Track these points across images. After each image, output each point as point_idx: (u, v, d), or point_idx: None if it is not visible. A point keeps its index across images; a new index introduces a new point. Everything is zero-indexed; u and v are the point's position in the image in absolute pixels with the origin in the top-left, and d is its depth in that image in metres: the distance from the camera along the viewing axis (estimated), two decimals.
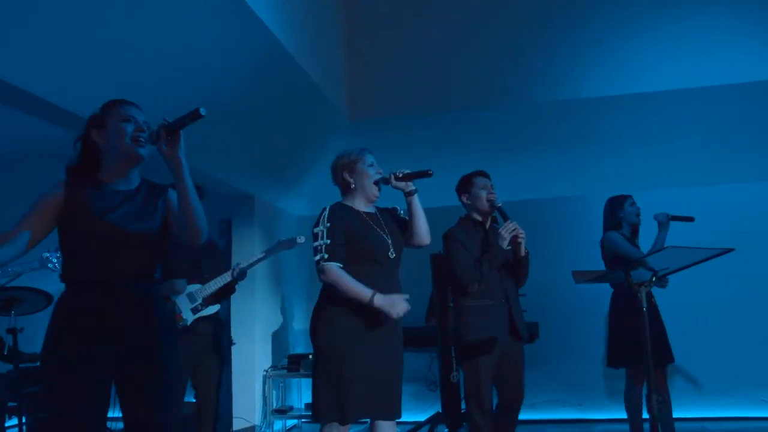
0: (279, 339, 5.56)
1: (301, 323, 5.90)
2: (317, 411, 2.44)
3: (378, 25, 5.26)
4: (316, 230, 2.52)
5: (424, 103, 5.14)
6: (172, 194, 2.08)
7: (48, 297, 3.69)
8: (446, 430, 4.53)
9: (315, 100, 4.75)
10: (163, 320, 2.07)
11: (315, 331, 2.53)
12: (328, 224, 2.50)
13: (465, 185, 3.33)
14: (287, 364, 5.20)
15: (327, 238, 2.48)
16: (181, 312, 3.58)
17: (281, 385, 5.45)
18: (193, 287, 3.65)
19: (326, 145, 5.27)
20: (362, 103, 5.22)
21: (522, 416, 5.40)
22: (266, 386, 5.14)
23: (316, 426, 2.53)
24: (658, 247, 3.75)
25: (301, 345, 5.82)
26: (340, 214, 2.55)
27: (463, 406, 4.04)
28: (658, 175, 5.05)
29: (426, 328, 4.88)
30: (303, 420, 5.47)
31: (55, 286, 2.33)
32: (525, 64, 5.00)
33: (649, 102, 4.79)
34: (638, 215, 3.88)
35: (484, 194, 3.23)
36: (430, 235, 2.67)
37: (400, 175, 2.59)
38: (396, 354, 2.58)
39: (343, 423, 2.41)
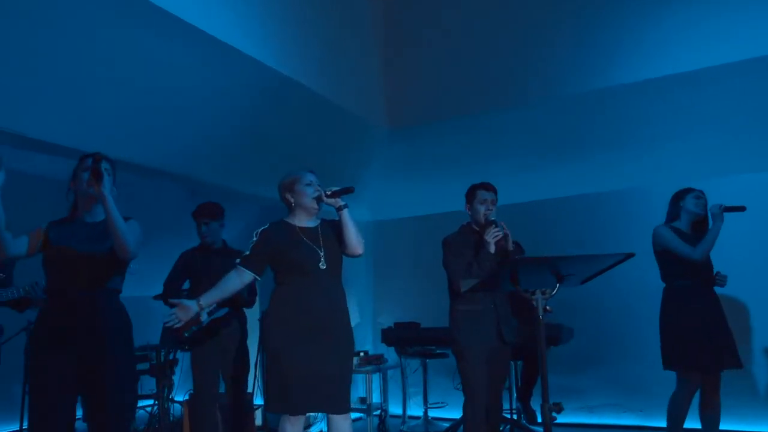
0: None
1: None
2: (266, 402, 2.84)
3: (411, 35, 5.42)
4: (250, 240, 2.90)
5: (460, 106, 5.16)
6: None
7: None
8: None
9: (344, 118, 5.06)
10: (112, 321, 2.55)
11: (261, 332, 2.92)
12: (255, 239, 2.87)
13: (469, 196, 3.45)
14: None
15: (248, 251, 2.87)
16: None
17: None
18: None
19: (370, 154, 5.55)
20: (399, 112, 5.38)
21: (579, 419, 5.26)
22: None
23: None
24: (709, 240, 3.47)
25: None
26: (272, 231, 2.88)
27: None
28: (714, 161, 4.52)
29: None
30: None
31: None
32: (558, 56, 4.79)
33: (693, 81, 4.33)
34: (703, 207, 3.63)
35: (482, 210, 3.35)
36: (362, 246, 2.89)
37: (329, 193, 2.85)
38: (338, 353, 2.81)
39: (288, 413, 2.73)
